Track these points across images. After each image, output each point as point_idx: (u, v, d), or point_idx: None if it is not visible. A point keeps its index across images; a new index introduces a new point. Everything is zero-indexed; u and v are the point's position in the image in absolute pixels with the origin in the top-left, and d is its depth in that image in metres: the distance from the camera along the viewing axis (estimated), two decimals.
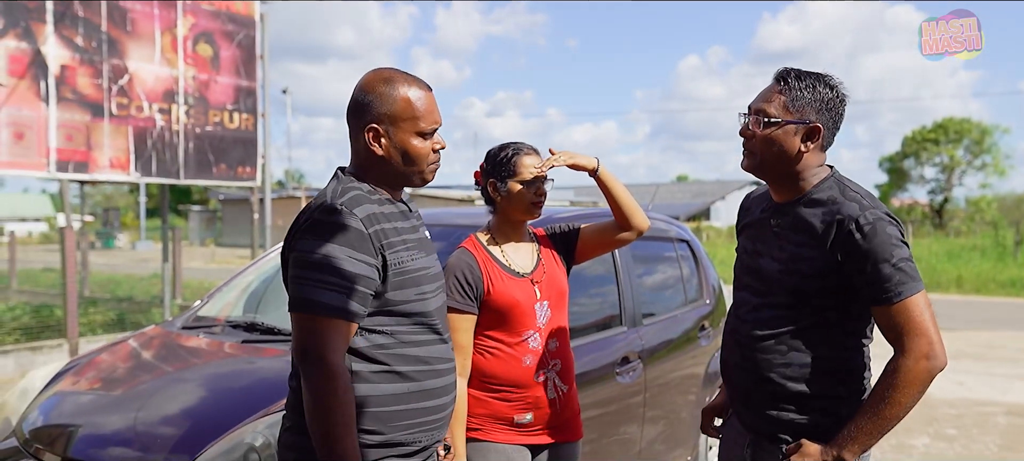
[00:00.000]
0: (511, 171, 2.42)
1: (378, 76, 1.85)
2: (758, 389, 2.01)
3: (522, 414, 2.39)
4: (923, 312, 1.82)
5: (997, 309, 14.24)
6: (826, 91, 1.94)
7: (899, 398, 1.81)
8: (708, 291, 4.54)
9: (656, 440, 3.71)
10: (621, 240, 2.60)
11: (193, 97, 9.31)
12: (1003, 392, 7.32)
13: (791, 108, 1.93)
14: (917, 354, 1.81)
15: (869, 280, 1.83)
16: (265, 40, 10.26)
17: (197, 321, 3.58)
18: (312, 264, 1.67)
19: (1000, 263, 20.80)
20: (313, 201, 1.80)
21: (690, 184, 56.63)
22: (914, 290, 1.82)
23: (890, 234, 1.82)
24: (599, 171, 2.47)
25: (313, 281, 1.66)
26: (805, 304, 1.92)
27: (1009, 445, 5.60)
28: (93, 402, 2.98)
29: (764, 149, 1.96)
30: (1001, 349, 9.71)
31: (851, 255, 1.84)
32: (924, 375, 1.82)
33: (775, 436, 1.99)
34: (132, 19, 8.66)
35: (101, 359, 3.35)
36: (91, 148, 8.34)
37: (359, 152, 1.86)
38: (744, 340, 2.04)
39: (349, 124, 1.87)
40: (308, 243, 1.69)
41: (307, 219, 1.72)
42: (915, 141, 46.96)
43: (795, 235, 1.95)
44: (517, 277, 2.42)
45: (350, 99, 1.87)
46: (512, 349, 2.38)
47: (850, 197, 1.90)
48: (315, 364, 1.65)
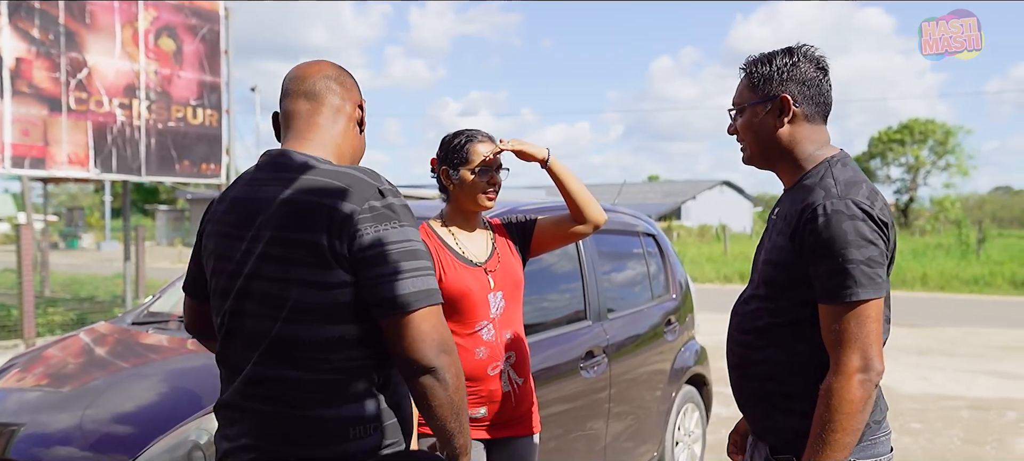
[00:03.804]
0: (463, 158, 2.37)
1: (335, 62, 1.77)
2: (743, 386, 1.95)
3: (476, 408, 2.34)
4: (864, 324, 1.66)
5: (961, 306, 14.46)
6: (785, 60, 1.86)
7: (842, 422, 1.66)
8: (675, 286, 4.51)
9: (622, 436, 3.67)
10: (577, 234, 2.55)
11: (155, 92, 9.13)
12: (967, 387, 7.40)
13: (755, 90, 1.87)
14: (849, 371, 1.65)
15: (818, 274, 1.71)
16: (230, 35, 10.10)
17: (149, 317, 3.49)
18: (420, 253, 1.54)
19: (963, 261, 21.15)
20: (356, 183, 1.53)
21: (661, 184, 56.99)
22: (859, 296, 1.65)
23: (847, 229, 1.67)
24: (549, 162, 2.42)
25: (425, 271, 1.53)
26: (780, 296, 1.83)
27: (973, 439, 5.65)
28: (38, 399, 2.88)
29: (748, 139, 1.91)
30: (965, 345, 9.84)
31: (806, 245, 1.73)
32: (859, 392, 1.65)
33: (764, 437, 1.92)
34: (91, 12, 8.47)
35: (48, 355, 3.25)
36: (48, 143, 8.14)
37: (338, 131, 1.68)
38: (732, 332, 1.98)
39: (323, 101, 1.67)
40: (403, 231, 1.52)
41: (385, 205, 1.52)
42: (881, 142, 47.73)
43: (781, 223, 1.86)
44: (470, 266, 2.37)
45: (317, 68, 1.70)
46: (464, 340, 2.32)
47: (825, 184, 1.77)
48: (454, 353, 1.54)
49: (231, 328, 1.59)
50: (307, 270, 1.50)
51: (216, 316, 1.65)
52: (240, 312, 1.57)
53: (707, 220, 43.18)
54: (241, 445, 1.55)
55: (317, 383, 1.51)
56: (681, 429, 4.29)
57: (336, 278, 1.50)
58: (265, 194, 1.57)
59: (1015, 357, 8.95)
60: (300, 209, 1.52)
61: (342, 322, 1.51)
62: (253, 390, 1.54)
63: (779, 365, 1.84)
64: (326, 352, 1.51)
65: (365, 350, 1.54)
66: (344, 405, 1.53)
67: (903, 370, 7.97)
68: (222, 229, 1.63)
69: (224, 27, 9.99)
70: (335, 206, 1.49)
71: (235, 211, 1.62)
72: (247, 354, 1.55)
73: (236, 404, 1.57)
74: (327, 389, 1.52)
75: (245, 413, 1.55)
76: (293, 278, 1.51)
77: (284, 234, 1.52)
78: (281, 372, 1.52)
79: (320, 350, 1.51)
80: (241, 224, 1.58)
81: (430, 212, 2.51)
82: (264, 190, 1.58)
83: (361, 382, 1.55)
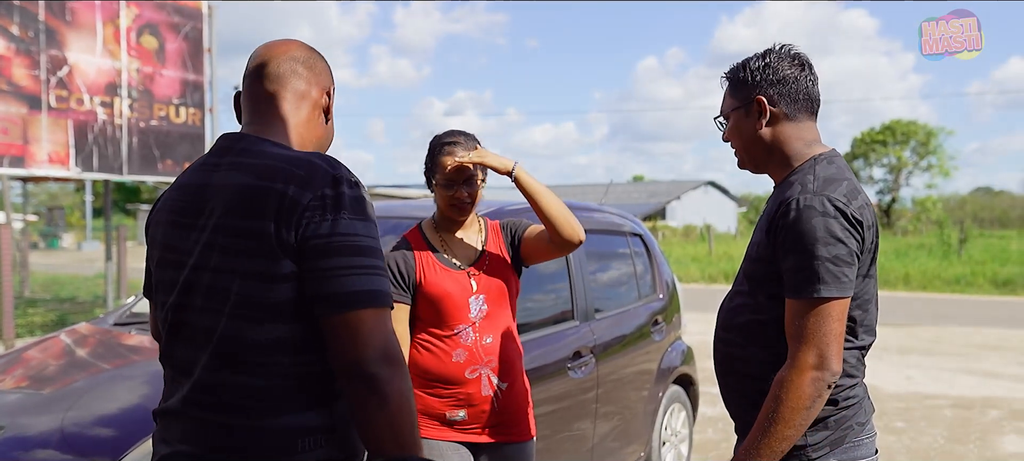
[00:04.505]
0: (434, 167, 2.36)
1: (306, 43, 1.60)
2: (726, 383, 1.94)
3: (454, 411, 2.32)
4: (824, 322, 1.64)
5: (943, 305, 14.58)
6: (758, 62, 1.87)
7: (786, 415, 1.66)
8: (661, 286, 4.51)
9: (609, 436, 3.66)
10: (556, 252, 2.43)
11: (137, 90, 9.04)
12: (949, 385, 7.46)
13: (735, 96, 1.90)
14: (802, 366, 1.65)
15: (785, 268, 1.71)
16: (213, 33, 10.01)
17: (131, 317, 3.44)
18: (370, 250, 1.38)
19: (945, 261, 21.33)
20: (311, 169, 1.40)
21: (646, 184, 57.13)
22: (822, 293, 1.64)
23: (817, 225, 1.65)
24: (515, 173, 2.32)
25: (375, 269, 1.37)
26: (760, 292, 1.83)
27: (956, 437, 5.69)
28: (18, 402, 2.83)
29: (737, 144, 1.93)
30: (947, 344, 9.92)
31: (778, 240, 1.73)
32: (809, 389, 1.65)
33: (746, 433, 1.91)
34: (72, 9, 8.37)
35: (28, 356, 3.19)
36: (28, 142, 8.04)
37: (302, 118, 1.55)
38: (717, 330, 1.98)
39: (287, 84, 1.54)
40: (353, 224, 1.37)
41: (337, 195, 1.37)
42: (864, 143, 48.10)
43: (763, 219, 1.87)
44: (452, 269, 2.35)
45: (284, 49, 1.56)
46: (443, 343, 2.31)
47: (804, 180, 1.76)
48: (400, 365, 1.35)
49: (175, 324, 1.45)
50: (254, 261, 1.36)
51: (160, 311, 1.50)
52: (185, 306, 1.43)
53: (692, 220, 43.34)
54: (179, 451, 1.42)
55: (266, 389, 1.37)
56: (668, 429, 4.29)
57: (284, 269, 1.35)
58: (217, 179, 1.44)
59: (996, 356, 9.03)
60: (249, 195, 1.38)
61: (291, 320, 1.37)
62: (198, 396, 1.41)
63: (761, 363, 1.83)
64: (275, 354, 1.38)
65: (318, 354, 1.40)
66: (293, 414, 1.39)
67: (886, 369, 8.02)
68: (170, 217, 1.49)
69: (207, 25, 9.90)
70: (285, 192, 1.36)
71: (185, 197, 1.48)
72: (193, 354, 1.42)
73: (178, 410, 1.44)
74: (276, 396, 1.38)
75: (188, 420, 1.42)
76: (239, 269, 1.37)
77: (232, 222, 1.39)
78: (228, 377, 1.39)
79: (269, 352, 1.37)
80: (190, 211, 1.45)
81: (420, 211, 2.49)
82: (216, 175, 1.45)
83: (313, 389, 1.41)
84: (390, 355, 1.34)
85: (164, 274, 1.49)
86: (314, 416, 1.40)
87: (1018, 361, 8.72)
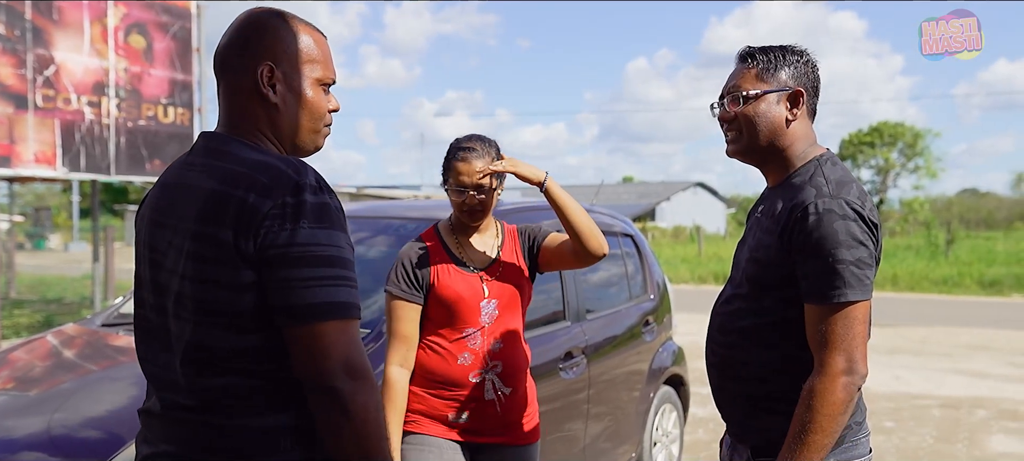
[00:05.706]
0: (447, 172, 2.35)
1: (268, 11, 1.48)
2: (724, 387, 1.92)
3: (457, 413, 2.32)
4: (851, 326, 1.65)
5: (930, 306, 14.67)
6: (794, 57, 1.86)
7: (823, 423, 1.65)
8: (652, 286, 4.51)
9: (600, 437, 3.65)
10: (577, 263, 2.43)
11: (125, 90, 8.97)
12: (937, 385, 7.50)
13: (766, 79, 1.84)
14: (833, 372, 1.65)
15: (805, 273, 1.69)
16: (202, 33, 9.96)
17: (119, 318, 3.41)
18: (335, 259, 1.32)
19: (933, 262, 21.46)
20: (274, 175, 1.34)
21: (636, 185, 57.25)
22: (849, 297, 1.64)
23: (839, 229, 1.65)
24: (547, 185, 2.30)
25: (336, 280, 1.32)
26: (766, 295, 1.80)
27: (944, 437, 5.72)
28: (4, 404, 2.80)
29: (749, 126, 1.84)
30: (935, 344, 9.98)
31: (795, 244, 1.70)
32: (842, 394, 1.65)
33: (746, 438, 1.89)
34: (59, 8, 8.30)
35: (14, 358, 3.16)
36: (14, 142, 7.96)
37: (240, 101, 1.45)
38: (713, 332, 1.95)
39: (226, 66, 1.46)
40: (314, 233, 1.31)
41: (298, 203, 1.31)
42: (852, 144, 48.31)
43: (767, 221, 1.83)
44: (466, 271, 2.34)
45: (228, 36, 1.47)
46: (451, 345, 2.31)
47: (816, 182, 1.75)
48: (363, 378, 1.31)
49: (148, 325, 1.44)
50: (217, 269, 1.32)
51: (137, 308, 1.48)
52: (158, 308, 1.41)
53: (681, 221, 43.46)
54: (161, 451, 1.40)
55: (243, 390, 1.35)
56: (659, 429, 4.29)
57: (245, 279, 1.31)
58: (191, 180, 1.40)
59: (984, 356, 9.09)
60: (213, 201, 1.33)
61: (259, 328, 1.33)
62: (175, 397, 1.39)
63: (763, 366, 1.82)
64: (247, 360, 1.34)
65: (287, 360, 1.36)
66: (274, 413, 1.36)
67: (875, 369, 8.05)
68: (153, 216, 1.46)
69: (196, 25, 9.84)
70: (245, 199, 1.30)
71: (165, 197, 1.45)
72: (167, 357, 1.39)
73: (158, 411, 1.42)
74: (254, 396, 1.35)
75: (168, 420, 1.40)
76: (204, 277, 1.33)
77: (198, 227, 1.34)
78: (202, 380, 1.36)
79: (240, 358, 1.34)
80: (167, 211, 1.42)
81: (412, 211, 2.47)
82: (190, 175, 1.42)
83: (293, 390, 1.36)
84: (353, 368, 1.30)
85: (143, 271, 1.47)
86: (294, 416, 1.38)
87: (1005, 361, 8.78)
